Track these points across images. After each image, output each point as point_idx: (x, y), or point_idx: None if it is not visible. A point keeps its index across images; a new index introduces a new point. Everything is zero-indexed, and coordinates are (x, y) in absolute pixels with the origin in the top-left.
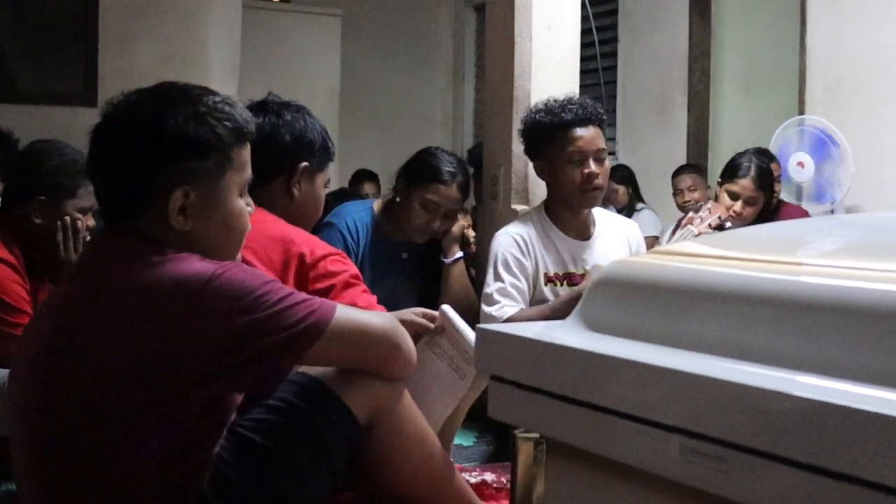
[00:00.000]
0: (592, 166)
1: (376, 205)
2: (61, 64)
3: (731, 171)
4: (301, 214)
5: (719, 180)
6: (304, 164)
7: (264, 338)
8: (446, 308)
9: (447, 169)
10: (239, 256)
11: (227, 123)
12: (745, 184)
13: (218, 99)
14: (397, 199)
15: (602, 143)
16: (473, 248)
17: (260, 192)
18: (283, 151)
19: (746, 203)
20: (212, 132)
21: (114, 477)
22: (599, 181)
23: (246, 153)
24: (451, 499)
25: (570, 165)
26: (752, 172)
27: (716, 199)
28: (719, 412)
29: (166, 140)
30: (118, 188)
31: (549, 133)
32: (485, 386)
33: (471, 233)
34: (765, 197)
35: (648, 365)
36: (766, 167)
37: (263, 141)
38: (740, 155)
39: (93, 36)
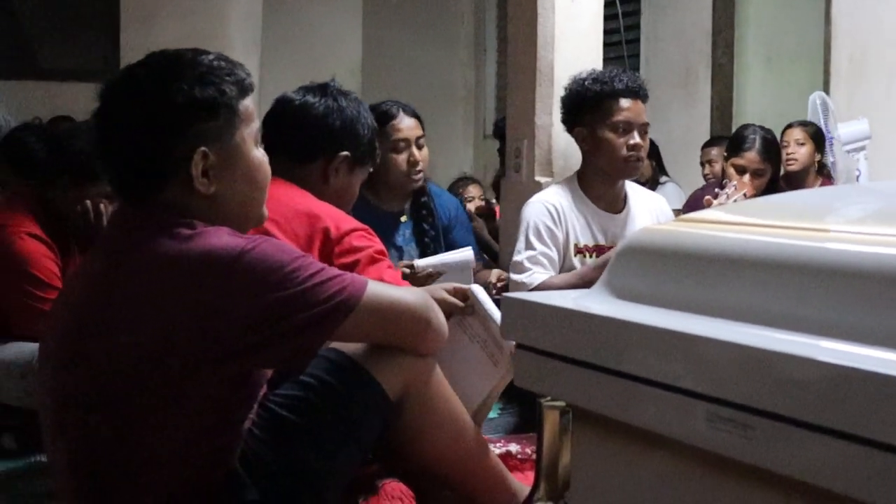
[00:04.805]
0: (637, 138)
1: None
2: (83, 41)
3: (737, 145)
4: (331, 202)
5: (725, 154)
6: (346, 153)
7: (295, 314)
8: (476, 289)
9: (389, 108)
10: (265, 211)
11: (228, 79)
12: (751, 157)
13: (212, 57)
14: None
15: (646, 118)
16: (497, 213)
17: (298, 169)
18: (331, 135)
19: (754, 175)
20: (217, 90)
21: (143, 451)
22: (642, 153)
23: (250, 104)
24: (482, 476)
25: (615, 134)
26: (758, 145)
27: (722, 175)
28: (746, 379)
29: (176, 107)
30: (136, 164)
31: (596, 100)
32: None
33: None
34: (772, 168)
35: (675, 332)
36: (770, 138)
37: (313, 120)
38: (744, 128)
39: (115, 12)
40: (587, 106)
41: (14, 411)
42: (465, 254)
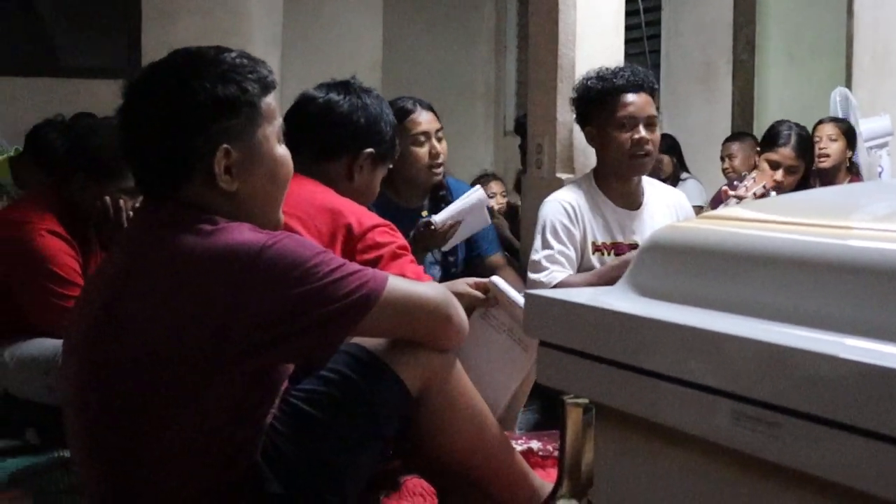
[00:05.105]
0: (643, 132)
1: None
2: (104, 38)
3: (771, 140)
4: (353, 199)
5: (758, 149)
6: (371, 150)
7: (316, 309)
8: (496, 279)
9: (405, 103)
10: (281, 217)
11: (250, 76)
12: (785, 152)
13: (234, 55)
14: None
15: (653, 111)
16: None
17: (321, 166)
18: (355, 132)
19: (787, 172)
20: (239, 88)
21: (165, 445)
22: (649, 147)
23: (273, 102)
24: (504, 473)
25: (619, 130)
26: (793, 141)
27: (753, 168)
28: (771, 377)
29: (198, 105)
30: (159, 162)
31: (599, 98)
32: None
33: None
34: (805, 165)
35: (698, 329)
36: (805, 135)
37: (338, 118)
38: (779, 123)
39: (135, 9)
40: (592, 105)
41: (37, 407)
42: (477, 194)
